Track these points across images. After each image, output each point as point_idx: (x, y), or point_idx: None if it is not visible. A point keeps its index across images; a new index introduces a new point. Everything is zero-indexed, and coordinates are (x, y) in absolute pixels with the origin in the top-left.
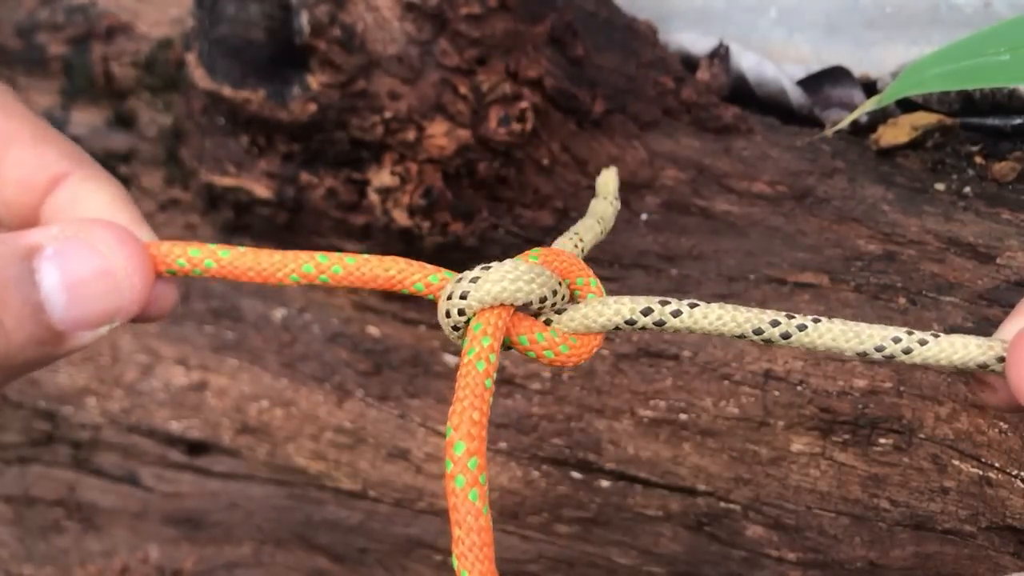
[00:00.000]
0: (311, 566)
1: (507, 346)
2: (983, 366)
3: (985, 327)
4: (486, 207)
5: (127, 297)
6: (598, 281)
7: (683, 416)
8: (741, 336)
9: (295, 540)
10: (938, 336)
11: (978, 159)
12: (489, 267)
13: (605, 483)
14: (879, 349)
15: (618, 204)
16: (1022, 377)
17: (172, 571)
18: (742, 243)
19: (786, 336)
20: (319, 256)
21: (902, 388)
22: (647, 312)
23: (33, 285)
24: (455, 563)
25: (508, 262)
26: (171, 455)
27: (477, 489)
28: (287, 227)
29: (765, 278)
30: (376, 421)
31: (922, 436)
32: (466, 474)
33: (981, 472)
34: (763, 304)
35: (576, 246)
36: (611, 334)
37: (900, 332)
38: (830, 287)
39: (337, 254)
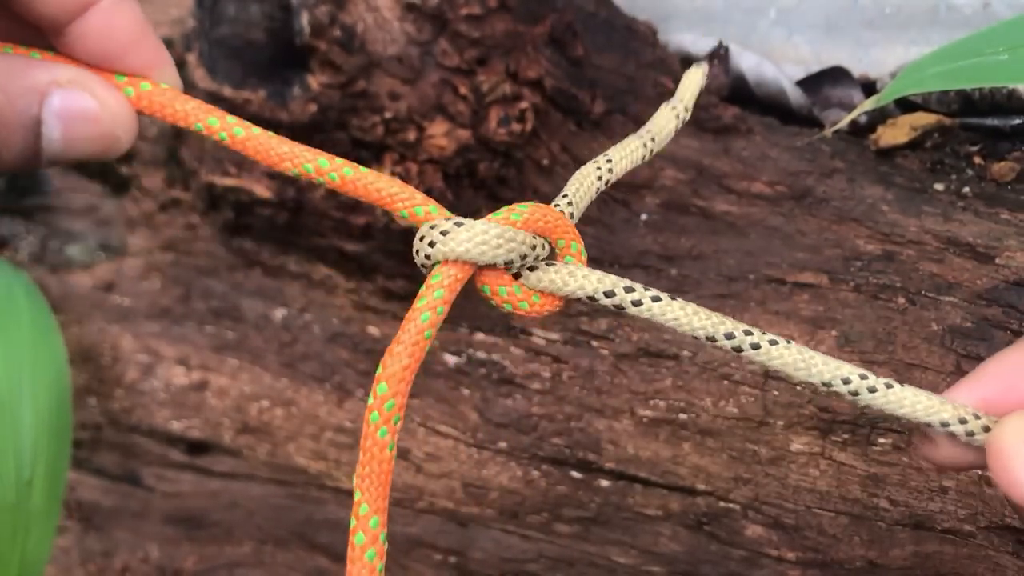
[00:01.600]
0: (311, 566)
1: (460, 304)
2: (944, 424)
3: (984, 327)
4: (486, 207)
5: (112, 147)
6: (581, 246)
7: (683, 416)
8: (695, 338)
9: (295, 540)
10: (892, 386)
11: (977, 159)
12: (462, 223)
13: (605, 483)
14: (826, 385)
15: (687, 115)
16: (1015, 477)
17: (172, 571)
18: (741, 243)
19: (738, 349)
20: (321, 159)
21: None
22: (609, 294)
23: (36, 113)
24: (354, 482)
25: (481, 223)
26: (171, 455)
27: (387, 427)
28: (288, 227)
29: (764, 278)
30: None
31: (913, 423)
32: (381, 413)
33: (980, 472)
34: (763, 304)
35: (601, 178)
36: (576, 323)
37: (854, 373)
38: (829, 287)
39: (340, 161)
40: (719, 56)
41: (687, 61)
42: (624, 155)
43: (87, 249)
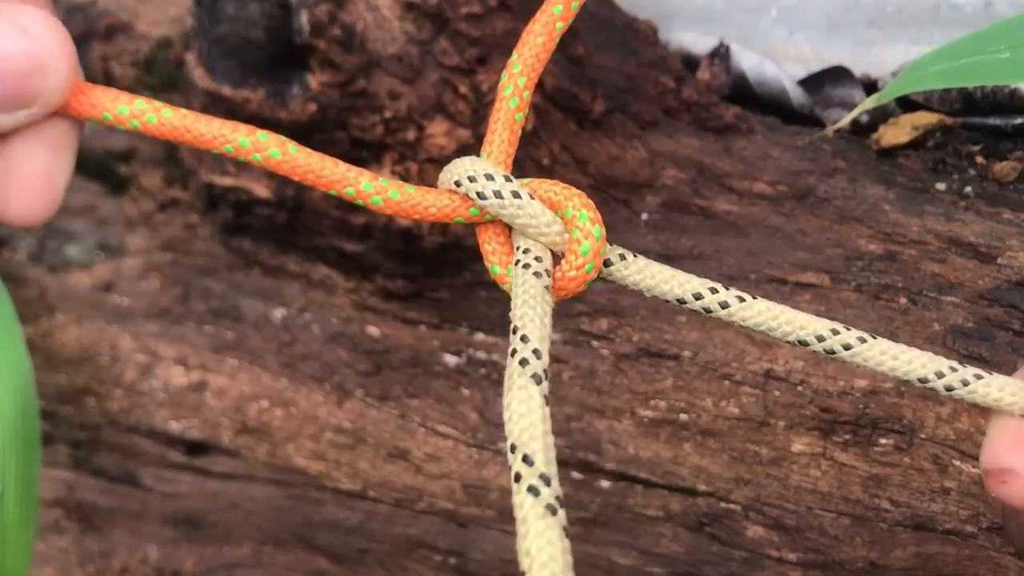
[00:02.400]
0: (311, 566)
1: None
2: (924, 381)
3: (986, 327)
4: None
5: (51, 83)
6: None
7: (683, 416)
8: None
9: (295, 540)
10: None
11: (979, 159)
12: None
13: (605, 483)
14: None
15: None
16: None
17: (172, 571)
18: (743, 243)
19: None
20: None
21: (903, 388)
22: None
23: None
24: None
25: None
26: (171, 455)
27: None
28: (287, 227)
29: (766, 278)
30: (376, 421)
31: (923, 436)
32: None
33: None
34: None
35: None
36: (575, 323)
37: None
38: (831, 287)
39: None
40: (720, 55)
41: (688, 60)
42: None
43: (86, 249)
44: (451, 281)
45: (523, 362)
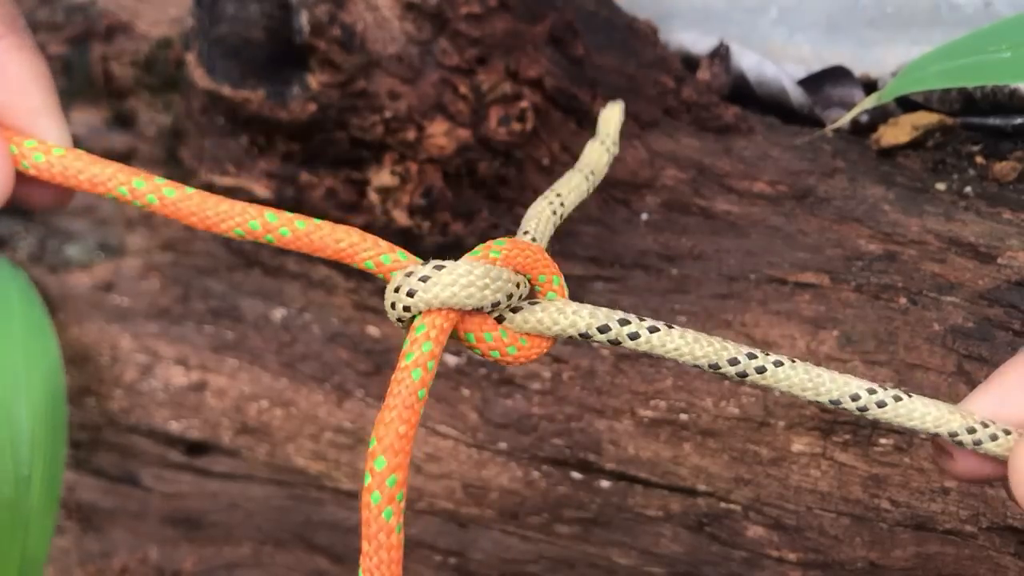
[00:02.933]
0: (311, 566)
1: (454, 335)
2: (953, 434)
3: (986, 327)
4: (486, 207)
5: None
6: (562, 280)
7: (683, 416)
8: (696, 367)
9: (295, 540)
10: (901, 398)
11: (979, 159)
12: (443, 266)
13: (605, 483)
14: (834, 403)
15: (616, 150)
16: None
17: (171, 572)
18: (743, 243)
19: (742, 375)
20: (268, 213)
21: (903, 388)
22: (604, 329)
23: None
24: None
25: (464, 263)
26: (171, 455)
27: (392, 507)
28: None
29: (766, 278)
30: None
31: (923, 436)
32: (383, 491)
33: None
34: (764, 304)
35: (555, 212)
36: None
37: (862, 388)
38: (831, 287)
39: (288, 215)
40: (720, 55)
41: (688, 60)
42: (571, 188)
43: (86, 249)
44: None
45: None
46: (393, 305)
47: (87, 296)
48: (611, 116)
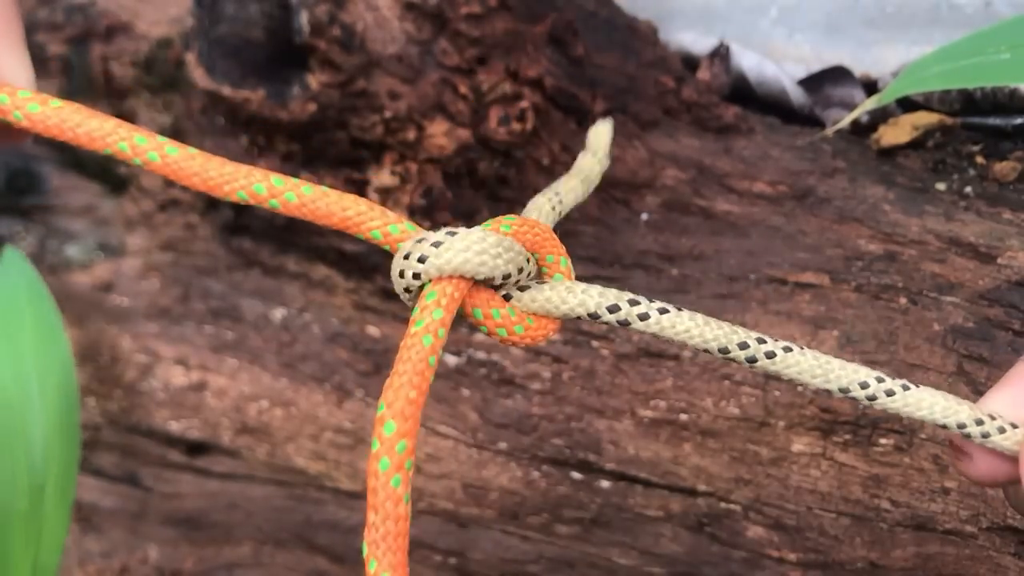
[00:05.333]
0: (311, 566)
1: (459, 315)
2: (962, 426)
3: (986, 327)
4: (486, 207)
5: None
6: (568, 261)
7: (684, 416)
8: (706, 351)
9: (295, 540)
10: (909, 388)
11: (979, 159)
12: (455, 233)
13: (605, 483)
14: (843, 391)
15: (607, 162)
16: None
17: (171, 571)
18: (743, 243)
19: (752, 360)
20: (274, 177)
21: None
22: (613, 309)
23: None
24: (364, 550)
25: (476, 231)
26: (171, 455)
27: (401, 475)
28: (287, 227)
29: (766, 278)
30: None
31: (923, 436)
32: (392, 457)
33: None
34: (764, 304)
35: (554, 208)
36: (575, 323)
37: (871, 376)
38: (831, 287)
39: (295, 180)
40: (720, 55)
41: (688, 60)
42: (568, 189)
43: (86, 249)
44: None
45: None
46: (401, 273)
47: (87, 296)
48: (602, 131)
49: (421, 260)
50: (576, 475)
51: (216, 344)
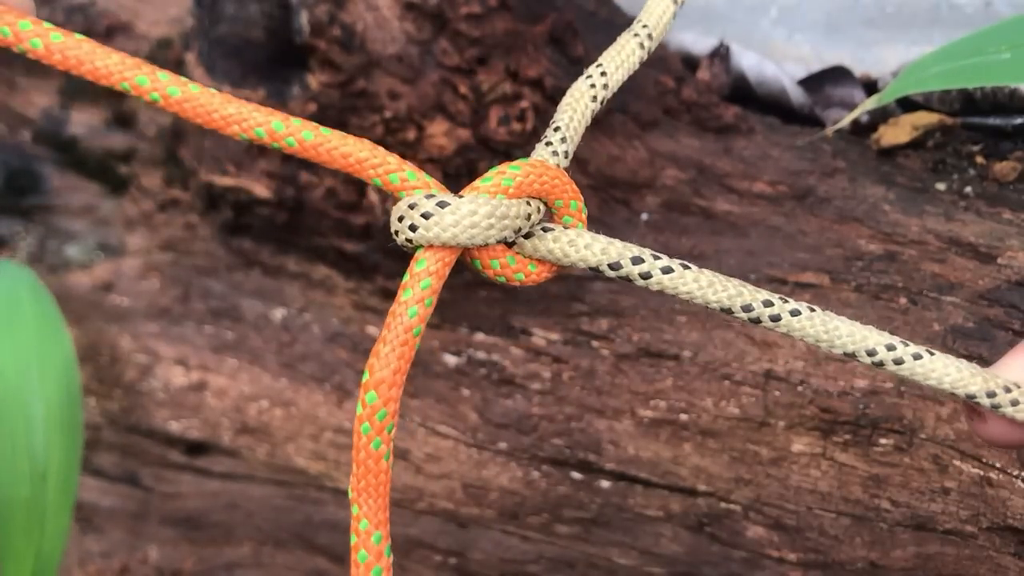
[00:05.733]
0: (311, 566)
1: (458, 263)
2: (971, 396)
3: (986, 327)
4: None
5: None
6: (580, 204)
7: (684, 416)
8: (708, 308)
9: (295, 540)
10: (921, 356)
11: (979, 159)
12: (447, 203)
13: (605, 483)
14: (849, 356)
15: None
16: None
17: (171, 571)
18: (743, 243)
19: (756, 321)
20: (274, 121)
21: (903, 388)
22: (615, 267)
23: None
24: (349, 494)
25: (468, 200)
26: (171, 455)
27: (381, 438)
28: (287, 227)
29: (766, 278)
30: None
31: (923, 436)
32: (372, 423)
33: (982, 472)
34: None
35: (596, 97)
36: (576, 324)
37: (880, 343)
38: (831, 287)
39: (297, 124)
40: (720, 55)
41: (688, 60)
42: (620, 62)
43: (86, 249)
44: (450, 281)
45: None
46: (396, 233)
47: (87, 296)
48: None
49: (412, 228)
50: (576, 475)
51: (216, 344)
